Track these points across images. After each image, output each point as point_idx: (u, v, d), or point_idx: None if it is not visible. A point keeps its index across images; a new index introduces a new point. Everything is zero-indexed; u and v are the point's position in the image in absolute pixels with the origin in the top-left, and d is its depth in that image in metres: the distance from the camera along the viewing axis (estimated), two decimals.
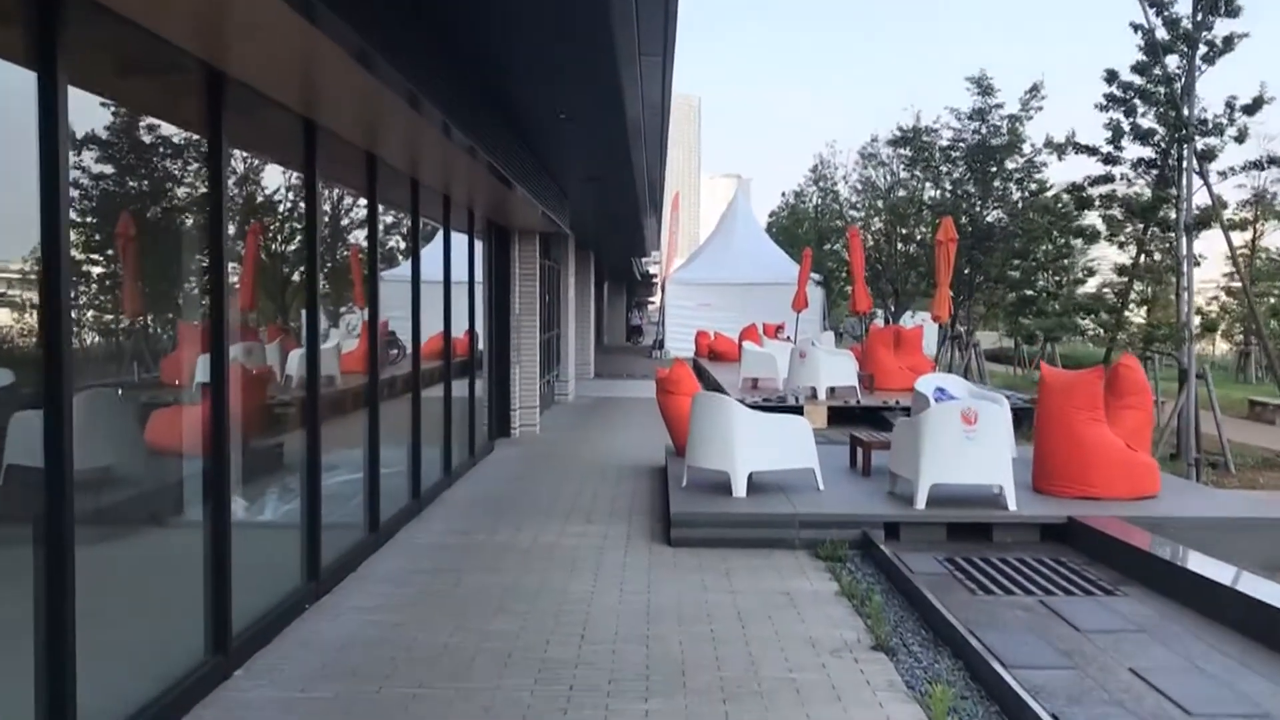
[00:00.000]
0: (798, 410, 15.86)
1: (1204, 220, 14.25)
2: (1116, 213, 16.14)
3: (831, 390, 17.30)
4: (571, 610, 6.42)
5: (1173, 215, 14.72)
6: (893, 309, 33.95)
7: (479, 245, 12.70)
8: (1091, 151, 16.38)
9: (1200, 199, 14.50)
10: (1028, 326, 28.17)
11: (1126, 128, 15.56)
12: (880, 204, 33.20)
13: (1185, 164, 14.11)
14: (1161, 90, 14.91)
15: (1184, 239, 13.95)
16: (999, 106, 24.88)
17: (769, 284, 34.57)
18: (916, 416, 8.65)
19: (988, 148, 24.81)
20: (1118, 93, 15.62)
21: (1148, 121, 15.29)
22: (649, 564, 7.59)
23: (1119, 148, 15.89)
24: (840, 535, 8.12)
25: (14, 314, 3.89)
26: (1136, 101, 15.35)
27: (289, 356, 6.77)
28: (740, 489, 8.83)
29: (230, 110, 5.31)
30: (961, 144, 25.49)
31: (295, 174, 6.64)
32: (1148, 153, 15.56)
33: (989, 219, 24.77)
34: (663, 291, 41.97)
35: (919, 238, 29.87)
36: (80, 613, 3.96)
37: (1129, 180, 16.22)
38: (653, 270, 55.51)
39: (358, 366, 8.08)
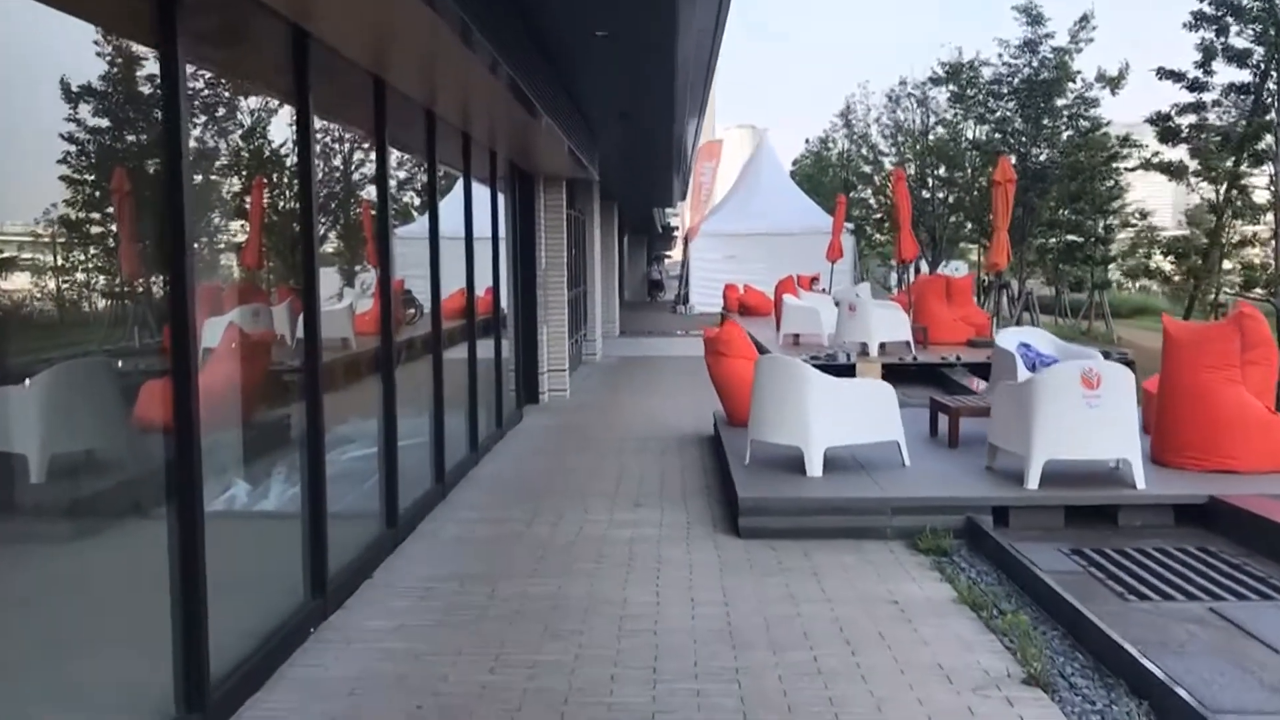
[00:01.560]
0: (850, 369, 14.58)
1: None
2: (1210, 144, 14.60)
3: (882, 346, 16.00)
4: (635, 632, 5.20)
5: (1265, 146, 13.23)
6: (929, 258, 32.50)
7: (501, 194, 11.42)
8: (1177, 77, 14.84)
9: None
10: (1072, 272, 26.64)
11: (1219, 48, 14.01)
12: (917, 146, 31.63)
13: None
14: (1258, 4, 13.36)
15: None
16: (1049, 37, 23.23)
17: (797, 234, 33.15)
18: (1028, 380, 7.35)
19: (1038, 83, 23.21)
20: (1208, 9, 14.08)
21: (1242, 41, 13.75)
22: (719, 563, 6.37)
23: (1209, 71, 14.37)
24: (941, 523, 6.87)
25: None
26: (1229, 19, 13.82)
27: (281, 316, 5.53)
28: (815, 467, 7.58)
29: (189, 13, 4.03)
30: (1010, 79, 23.88)
31: (284, 103, 5.37)
32: (1244, 76, 14.05)
33: (1042, 159, 23.22)
34: (685, 245, 40.55)
35: (960, 180, 28.33)
36: None
37: (1203, 109, 14.65)
38: (674, 223, 53.99)
39: (369, 329, 6.86)
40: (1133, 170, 24.07)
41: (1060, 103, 23.76)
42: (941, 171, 30.08)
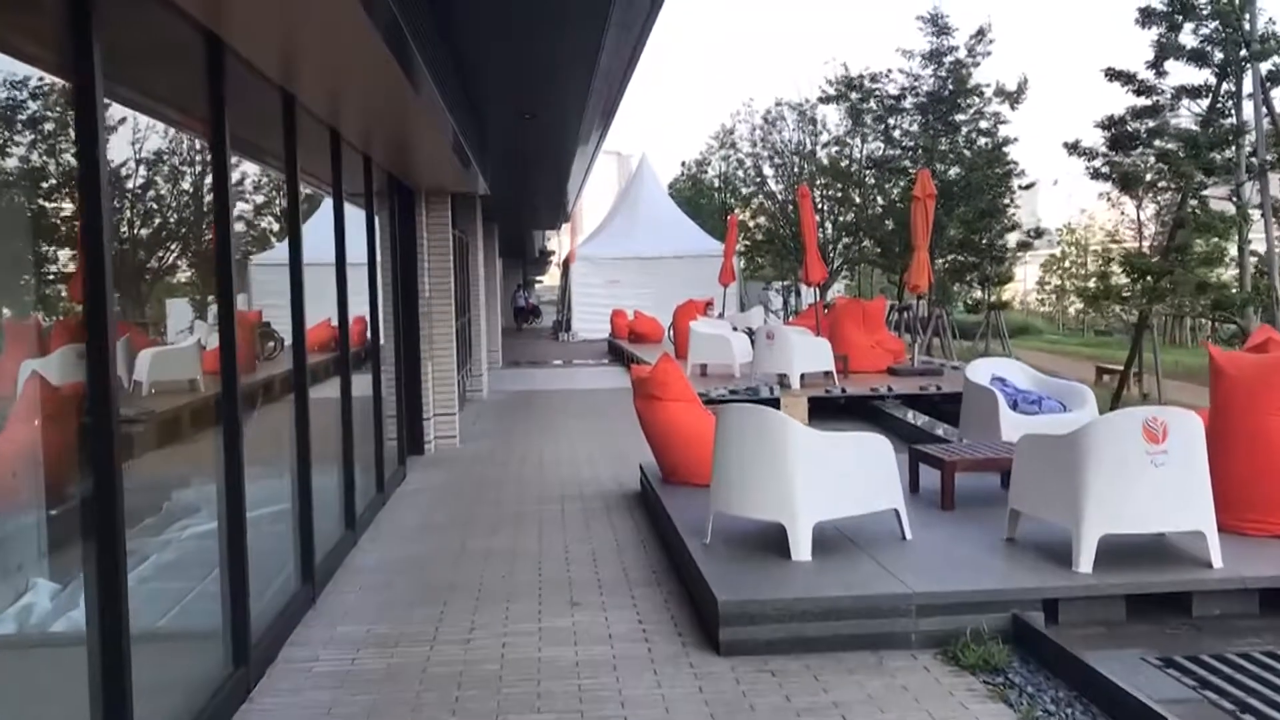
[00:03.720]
0: (774, 403, 13.04)
1: None
2: (1177, 151, 13.48)
3: (802, 377, 14.56)
4: None
5: (1229, 156, 12.15)
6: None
7: (378, 211, 9.50)
8: (1126, 79, 13.74)
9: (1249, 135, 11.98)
10: (969, 293, 26.01)
11: (1175, 46, 12.91)
12: (808, 166, 30.64)
13: (1256, 89, 11.53)
14: (1210, 3, 12.30)
15: (1259, 180, 11.42)
16: (956, 49, 22.37)
17: (682, 257, 31.95)
18: (1074, 433, 5.79)
19: (943, 96, 22.34)
20: (1159, 5, 12.98)
21: (1192, 40, 12.70)
22: (707, 703, 4.60)
23: (1161, 72, 13.31)
24: (980, 623, 5.26)
25: None
26: (1179, 17, 12.74)
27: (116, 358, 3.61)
28: (803, 549, 5.90)
29: None
30: (915, 91, 22.96)
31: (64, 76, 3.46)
32: (1203, 76, 13.00)
33: (949, 174, 22.33)
34: (565, 270, 38.81)
35: (856, 200, 27.37)
36: None
37: (1159, 113, 13.61)
38: (551, 246, 52.15)
39: (209, 372, 5.00)
40: (1024, 185, 23.30)
41: (960, 118, 22.96)
42: (833, 192, 29.10)
